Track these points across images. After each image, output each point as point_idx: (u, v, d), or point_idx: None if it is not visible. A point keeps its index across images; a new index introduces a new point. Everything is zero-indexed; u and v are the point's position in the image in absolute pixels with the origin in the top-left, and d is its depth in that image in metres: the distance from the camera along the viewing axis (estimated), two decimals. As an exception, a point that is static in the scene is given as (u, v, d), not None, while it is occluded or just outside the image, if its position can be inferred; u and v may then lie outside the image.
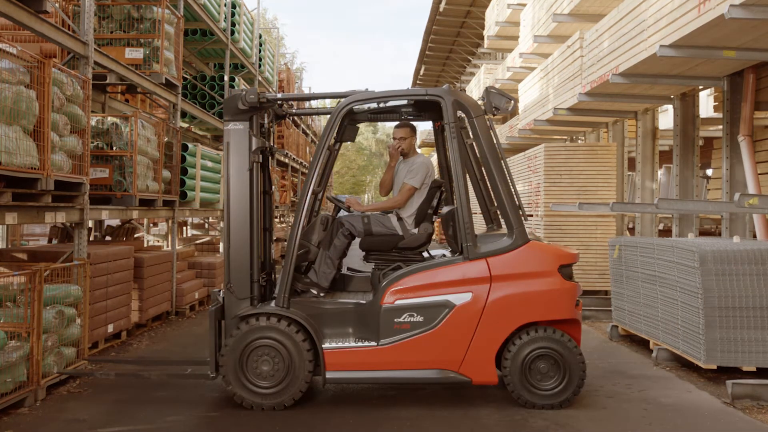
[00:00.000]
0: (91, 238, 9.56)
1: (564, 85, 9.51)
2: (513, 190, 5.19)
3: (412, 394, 5.43)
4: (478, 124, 5.16)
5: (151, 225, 14.05)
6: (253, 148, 5.22)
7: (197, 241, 12.82)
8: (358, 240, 5.65)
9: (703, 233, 11.31)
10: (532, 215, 10.29)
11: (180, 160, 9.11)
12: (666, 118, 12.58)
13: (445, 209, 5.72)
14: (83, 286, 5.96)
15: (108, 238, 10.51)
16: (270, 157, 5.75)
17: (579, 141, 13.19)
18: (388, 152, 5.86)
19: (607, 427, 4.65)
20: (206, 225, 15.56)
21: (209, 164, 10.48)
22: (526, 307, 4.99)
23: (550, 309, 5.04)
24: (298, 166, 21.31)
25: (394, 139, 5.80)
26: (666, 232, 11.33)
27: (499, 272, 4.98)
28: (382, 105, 5.68)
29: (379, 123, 47.56)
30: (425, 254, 5.63)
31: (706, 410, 5.01)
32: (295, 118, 20.77)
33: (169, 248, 9.53)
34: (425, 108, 5.86)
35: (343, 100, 5.22)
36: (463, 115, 5.25)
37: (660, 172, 11.74)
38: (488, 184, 5.42)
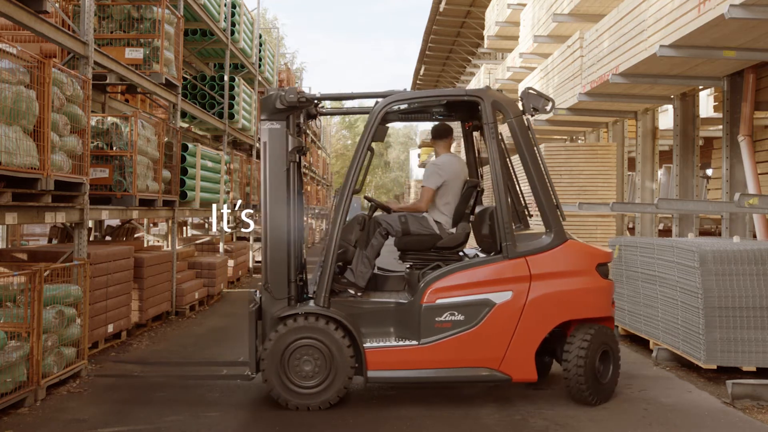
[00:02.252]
0: (91, 238, 9.56)
1: (564, 85, 9.51)
2: (551, 189, 5.22)
3: (412, 393, 5.43)
4: (517, 124, 5.19)
5: (151, 225, 14.04)
6: (290, 147, 5.19)
7: (197, 241, 12.81)
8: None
9: (703, 233, 11.30)
10: (533, 215, 10.26)
11: (180, 160, 9.12)
12: (666, 118, 12.58)
13: (477, 209, 5.73)
14: (83, 286, 5.95)
15: (108, 238, 10.50)
16: (303, 157, 5.73)
17: (579, 141, 13.19)
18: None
19: (607, 427, 4.65)
20: (206, 225, 15.55)
21: (209, 164, 10.48)
22: (566, 305, 5.03)
23: (588, 307, 5.09)
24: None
25: None
26: (666, 232, 11.33)
27: (539, 271, 5.01)
28: (414, 105, 5.70)
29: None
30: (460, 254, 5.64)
31: (706, 410, 5.01)
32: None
33: (169, 248, 9.53)
34: (457, 108, 5.87)
35: (382, 99, 5.21)
36: (500, 116, 5.26)
37: (660, 172, 11.74)
38: (516, 184, 5.52)
